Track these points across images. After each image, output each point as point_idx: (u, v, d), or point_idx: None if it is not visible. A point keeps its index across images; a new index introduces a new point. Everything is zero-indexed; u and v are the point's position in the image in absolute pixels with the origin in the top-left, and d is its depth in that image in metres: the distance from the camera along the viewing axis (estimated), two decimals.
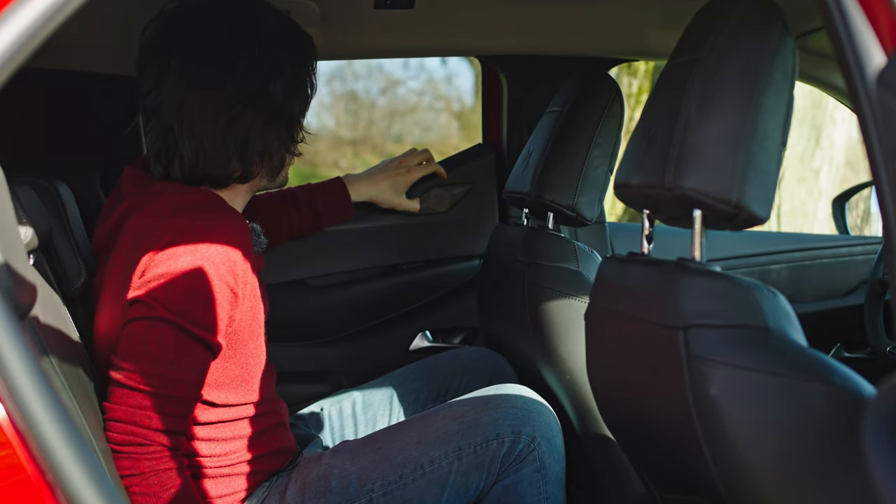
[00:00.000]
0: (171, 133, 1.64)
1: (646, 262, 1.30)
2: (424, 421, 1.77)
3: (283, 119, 1.67)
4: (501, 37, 2.42)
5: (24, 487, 0.99)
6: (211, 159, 1.64)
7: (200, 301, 1.53)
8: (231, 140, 1.63)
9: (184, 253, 1.52)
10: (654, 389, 1.24)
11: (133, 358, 1.50)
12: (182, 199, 1.62)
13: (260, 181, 1.74)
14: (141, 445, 1.49)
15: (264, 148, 1.67)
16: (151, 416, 1.49)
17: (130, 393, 1.49)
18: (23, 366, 0.97)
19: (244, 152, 1.65)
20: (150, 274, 1.53)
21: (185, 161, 1.64)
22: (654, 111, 1.29)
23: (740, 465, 1.10)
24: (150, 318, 1.51)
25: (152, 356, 1.50)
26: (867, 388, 1.07)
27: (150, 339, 1.51)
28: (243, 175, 1.67)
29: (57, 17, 1.02)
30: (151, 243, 1.55)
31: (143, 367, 1.50)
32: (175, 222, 1.56)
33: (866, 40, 0.97)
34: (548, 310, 1.88)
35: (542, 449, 1.73)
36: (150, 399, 1.49)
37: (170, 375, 1.51)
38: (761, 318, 1.14)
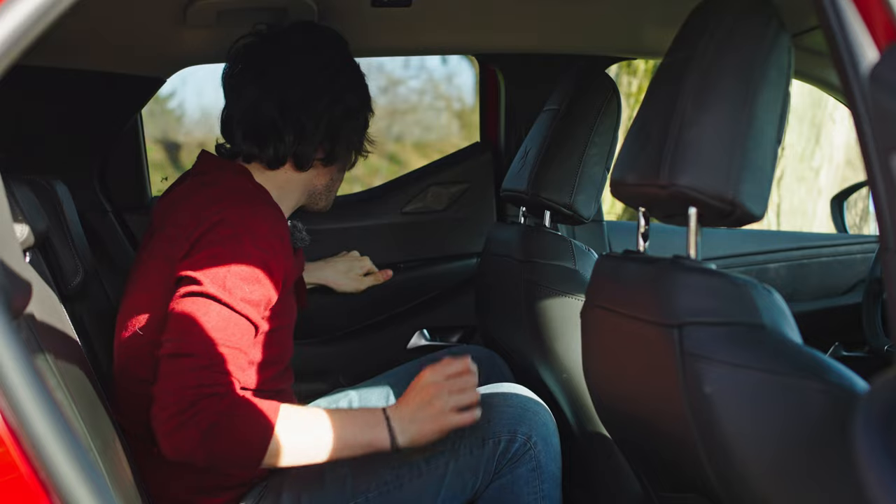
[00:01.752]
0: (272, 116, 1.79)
1: (641, 259, 1.30)
2: None
3: (360, 120, 1.88)
4: (499, 35, 2.42)
5: (16, 486, 0.99)
6: (307, 140, 1.80)
7: (245, 281, 1.61)
8: (324, 126, 1.81)
9: (231, 236, 1.62)
10: (649, 387, 1.24)
11: (183, 331, 1.58)
12: (234, 187, 1.75)
13: (325, 177, 1.89)
14: (203, 398, 1.52)
15: (347, 138, 1.85)
16: (205, 374, 1.55)
17: (183, 360, 1.56)
18: (16, 364, 0.97)
19: (333, 138, 1.83)
20: (200, 254, 1.62)
21: (286, 141, 1.79)
22: (649, 108, 1.29)
23: (735, 463, 1.10)
24: (199, 294, 1.59)
25: (203, 328, 1.58)
26: (862, 385, 1.07)
27: (200, 313, 1.58)
28: (327, 158, 1.84)
29: (51, 14, 1.01)
30: (200, 225, 1.64)
31: (194, 337, 1.57)
32: (223, 207, 1.66)
33: (860, 37, 0.97)
34: (545, 308, 1.88)
35: (539, 448, 1.74)
36: (204, 360, 1.56)
37: (221, 341, 1.58)
38: (756, 316, 1.13)
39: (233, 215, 1.65)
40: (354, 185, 9.46)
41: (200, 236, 1.63)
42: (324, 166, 1.87)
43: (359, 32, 2.28)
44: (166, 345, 1.58)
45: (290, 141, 1.79)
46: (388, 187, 2.70)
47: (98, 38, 2.11)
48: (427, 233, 2.62)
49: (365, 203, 2.64)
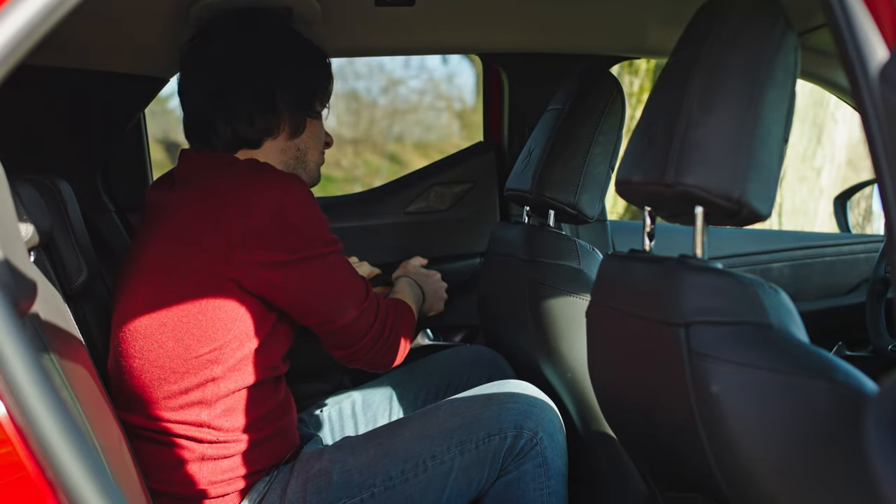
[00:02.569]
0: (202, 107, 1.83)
1: (647, 259, 1.29)
2: (426, 417, 1.77)
3: (293, 85, 1.85)
4: (502, 34, 2.42)
5: (23, 485, 0.99)
6: (239, 119, 1.80)
7: (322, 224, 1.74)
8: (254, 98, 1.80)
9: (273, 200, 1.67)
10: (655, 387, 1.24)
11: (345, 293, 1.75)
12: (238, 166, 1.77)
13: (288, 147, 1.87)
14: (394, 322, 1.84)
15: (283, 103, 1.83)
16: (381, 312, 1.81)
17: (367, 309, 1.78)
18: (23, 363, 0.96)
19: (268, 106, 1.82)
20: (280, 237, 1.66)
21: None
22: (655, 108, 1.28)
23: (742, 462, 1.10)
24: (316, 261, 1.71)
25: (337, 285, 1.74)
26: (869, 385, 1.07)
27: (336, 269, 1.75)
28: (267, 127, 1.82)
29: (55, 15, 1.01)
30: (248, 214, 1.66)
31: (354, 290, 1.76)
32: (255, 184, 1.70)
33: (869, 35, 0.97)
34: (549, 307, 1.88)
35: (545, 444, 1.75)
36: (372, 304, 1.79)
37: (353, 279, 1.78)
38: (763, 315, 1.13)
39: (275, 184, 1.69)
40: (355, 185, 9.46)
41: (262, 219, 1.66)
42: (273, 139, 1.85)
43: (362, 32, 2.28)
44: (345, 313, 1.75)
45: (223, 125, 1.80)
46: (391, 187, 2.70)
47: (101, 38, 2.11)
48: (430, 232, 2.62)
49: (368, 203, 2.64)
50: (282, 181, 1.71)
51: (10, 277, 1.04)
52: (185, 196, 1.76)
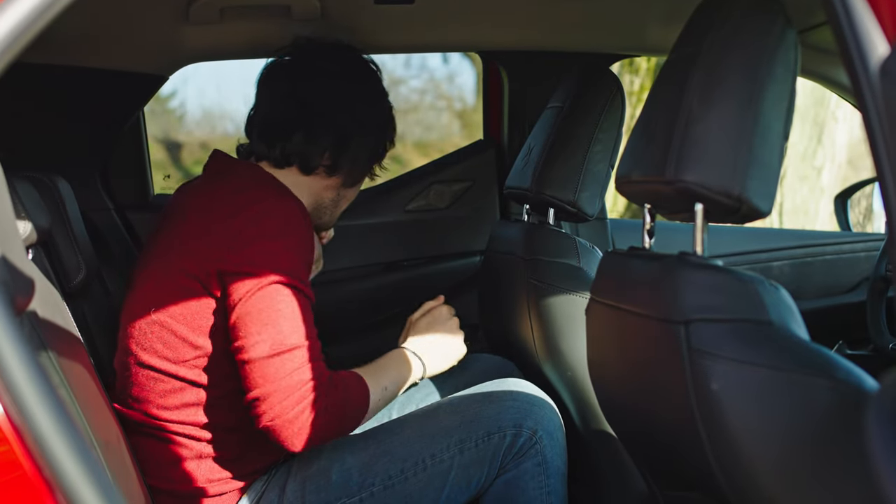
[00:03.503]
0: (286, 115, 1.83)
1: (647, 256, 1.29)
2: (426, 415, 1.77)
3: (372, 140, 1.88)
4: (502, 32, 2.41)
5: (21, 484, 0.98)
6: (314, 145, 1.82)
7: (303, 263, 1.66)
8: (334, 134, 1.82)
9: (280, 226, 1.65)
10: (655, 384, 1.23)
11: (273, 327, 1.58)
12: (258, 178, 1.78)
13: (331, 188, 1.88)
14: (318, 388, 1.58)
15: (354, 152, 1.85)
16: (313, 365, 1.58)
17: (285, 358, 1.57)
18: (20, 361, 0.96)
19: (340, 146, 1.83)
20: (251, 248, 1.62)
21: (294, 140, 1.81)
22: (655, 105, 1.28)
23: (742, 460, 1.09)
24: (271, 285, 1.60)
25: (291, 319, 1.59)
26: (870, 382, 1.06)
27: (282, 304, 1.59)
28: (332, 166, 1.84)
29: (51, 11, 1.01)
30: (238, 216, 1.65)
31: (287, 330, 1.58)
32: (261, 197, 1.69)
33: (869, 30, 0.96)
34: (549, 306, 1.87)
35: (544, 443, 1.74)
36: (307, 353, 1.59)
37: (308, 327, 1.61)
38: (763, 313, 1.13)
39: (275, 206, 1.67)
40: None
41: (242, 229, 1.64)
42: (327, 175, 1.86)
43: (362, 30, 2.27)
44: (258, 345, 1.57)
45: (298, 140, 1.80)
46: (391, 185, 2.69)
47: (100, 36, 2.11)
48: (430, 231, 2.61)
49: (368, 201, 2.64)
50: (283, 199, 1.71)
51: (7, 275, 1.04)
52: (193, 196, 1.79)
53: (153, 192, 2.61)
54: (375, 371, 1.74)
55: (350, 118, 1.84)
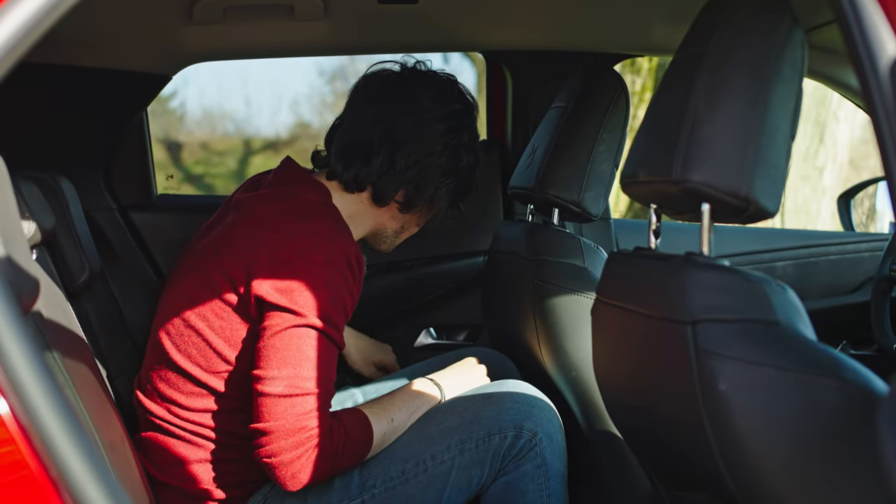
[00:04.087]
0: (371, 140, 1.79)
1: (653, 256, 1.29)
2: (425, 416, 1.77)
3: (453, 181, 1.85)
4: (506, 32, 2.41)
5: (27, 483, 0.98)
6: (392, 177, 1.79)
7: (340, 309, 1.64)
8: (416, 170, 1.80)
9: (323, 263, 1.62)
10: (661, 385, 1.23)
11: (293, 368, 1.59)
12: (314, 201, 1.74)
13: (398, 222, 1.88)
14: (319, 443, 1.58)
15: (432, 192, 1.83)
16: (321, 413, 1.59)
17: (297, 401, 1.58)
18: (26, 361, 0.96)
19: (419, 185, 1.81)
20: (293, 280, 1.60)
21: (371, 167, 1.78)
22: (661, 105, 1.28)
23: (749, 460, 1.09)
24: (302, 326, 1.59)
25: (312, 364, 1.59)
26: (878, 383, 1.06)
27: (307, 347, 1.59)
28: (406, 203, 1.83)
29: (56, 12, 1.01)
30: (286, 243, 1.63)
31: (305, 374, 1.59)
32: (310, 228, 1.66)
33: (879, 29, 0.96)
34: (553, 306, 1.87)
35: (544, 444, 1.73)
36: (319, 401, 1.59)
37: (327, 377, 1.61)
38: (770, 313, 1.13)
39: (323, 240, 1.64)
40: None
41: (290, 260, 1.62)
42: (399, 211, 1.85)
43: (365, 30, 2.28)
44: (274, 381, 1.58)
45: (376, 169, 1.78)
46: None
47: (104, 35, 2.11)
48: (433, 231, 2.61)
49: None
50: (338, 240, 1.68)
51: (12, 275, 1.04)
52: (256, 202, 1.77)
53: (156, 193, 2.61)
54: (382, 407, 1.73)
55: (436, 159, 1.81)
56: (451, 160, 1.82)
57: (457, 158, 1.83)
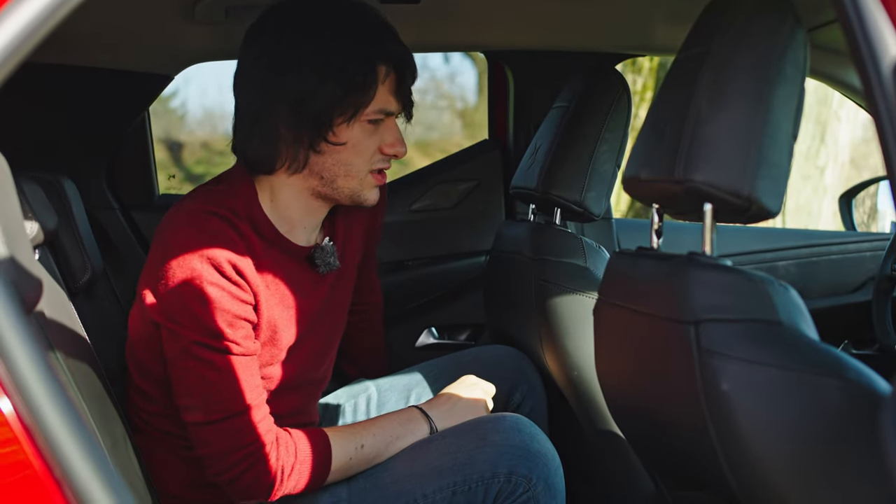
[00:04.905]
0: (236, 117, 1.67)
1: (656, 256, 1.29)
2: (417, 453, 1.71)
3: (307, 113, 1.59)
4: (508, 32, 2.41)
5: (31, 483, 0.98)
6: (247, 143, 1.64)
7: (224, 319, 1.55)
8: (259, 124, 1.61)
9: (186, 275, 1.53)
10: (664, 385, 1.23)
11: (203, 394, 1.56)
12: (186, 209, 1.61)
13: (296, 177, 1.65)
14: (259, 458, 1.55)
15: (285, 137, 1.61)
16: (245, 433, 1.55)
17: (218, 426, 1.55)
18: (29, 360, 0.96)
19: (268, 137, 1.61)
20: (165, 299, 1.55)
21: (235, 145, 1.67)
22: (663, 105, 1.28)
23: (752, 460, 1.09)
24: (188, 346, 1.54)
25: (221, 385, 1.55)
26: (881, 383, 1.06)
27: (208, 368, 1.55)
28: (265, 161, 1.63)
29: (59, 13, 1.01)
30: (154, 261, 1.57)
31: (217, 397, 1.55)
32: (175, 240, 1.56)
33: (882, 30, 0.95)
34: (555, 305, 1.87)
35: (539, 490, 1.66)
36: (241, 419, 1.55)
37: (245, 390, 1.56)
38: (773, 313, 1.13)
39: (185, 254, 1.54)
40: None
41: (162, 275, 1.55)
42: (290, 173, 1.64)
43: None
44: (192, 411, 1.56)
45: (240, 143, 1.66)
46: (396, 185, 2.69)
47: (106, 36, 2.11)
48: (436, 231, 2.61)
49: None
50: (197, 246, 1.54)
51: (15, 275, 1.04)
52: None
53: (158, 192, 2.61)
54: (353, 431, 1.68)
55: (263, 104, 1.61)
56: (286, 100, 1.59)
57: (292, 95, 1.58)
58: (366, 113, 1.61)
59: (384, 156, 1.68)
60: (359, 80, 1.58)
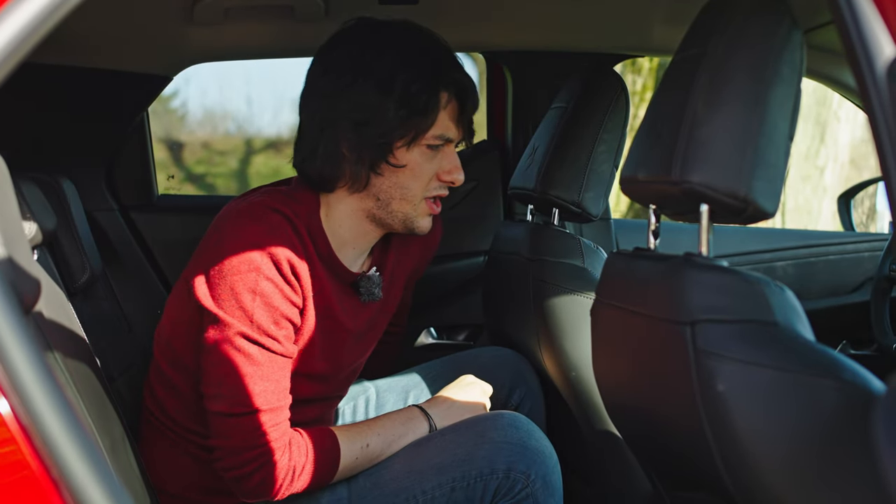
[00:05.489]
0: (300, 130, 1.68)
1: (652, 257, 1.29)
2: (416, 450, 1.72)
3: (369, 133, 1.61)
4: (506, 33, 2.41)
5: (28, 483, 0.99)
6: (307, 160, 1.65)
7: (272, 316, 1.56)
8: (322, 142, 1.63)
9: (244, 265, 1.55)
10: (660, 385, 1.23)
11: (231, 385, 1.56)
12: (254, 203, 1.62)
13: (354, 196, 1.66)
14: (270, 461, 1.56)
15: (347, 157, 1.62)
16: (264, 433, 1.56)
17: (242, 419, 1.56)
18: (27, 361, 0.96)
19: (331, 156, 1.62)
20: (217, 286, 1.55)
21: (295, 160, 1.68)
22: (660, 105, 1.28)
23: (748, 461, 1.09)
24: (232, 336, 1.55)
25: (251, 379, 1.56)
26: (876, 384, 1.06)
27: (242, 361, 1.56)
28: (328, 179, 1.64)
29: (58, 13, 1.01)
30: (213, 247, 1.58)
31: (245, 390, 1.55)
32: (239, 229, 1.58)
33: (876, 32, 0.96)
34: (553, 306, 1.87)
35: (537, 486, 1.67)
36: (264, 416, 1.56)
37: (271, 389, 1.57)
38: (769, 314, 1.13)
39: (248, 245, 1.55)
40: None
41: (220, 262, 1.55)
42: (349, 192, 1.66)
43: None
44: (217, 400, 1.57)
45: (300, 159, 1.67)
46: None
47: (105, 36, 2.11)
48: None
49: None
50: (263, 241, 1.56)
51: (13, 275, 1.04)
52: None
53: (157, 193, 2.62)
54: (359, 431, 1.69)
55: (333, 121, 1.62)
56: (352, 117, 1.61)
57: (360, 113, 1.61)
58: (426, 137, 1.63)
59: (441, 182, 1.70)
60: (421, 103, 1.60)
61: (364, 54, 1.61)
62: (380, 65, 1.60)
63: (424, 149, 1.64)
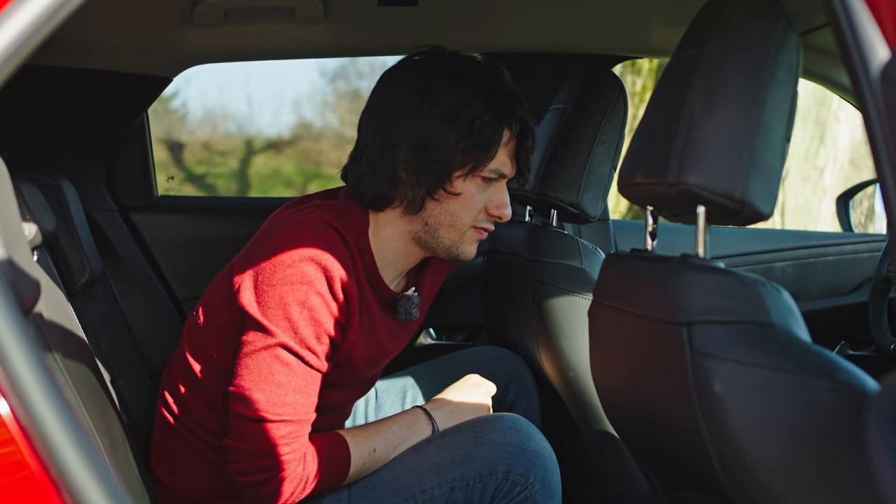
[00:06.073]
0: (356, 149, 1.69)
1: (649, 258, 1.30)
2: (416, 451, 1.72)
3: (428, 158, 1.61)
4: (505, 34, 2.42)
5: (27, 484, 0.99)
6: (364, 178, 1.65)
7: (315, 330, 1.56)
8: (382, 161, 1.63)
9: (296, 277, 1.55)
10: (657, 386, 1.24)
11: (264, 391, 1.56)
12: (312, 217, 1.62)
13: (404, 219, 1.67)
14: (284, 472, 1.56)
15: (404, 179, 1.63)
16: (286, 443, 1.56)
17: (268, 426, 1.56)
18: (27, 361, 0.97)
19: (388, 177, 1.63)
20: (264, 294, 1.55)
21: (350, 176, 1.68)
22: (657, 107, 1.29)
23: (744, 461, 1.10)
24: (272, 346, 1.55)
25: (284, 388, 1.56)
26: (872, 384, 1.07)
27: (275, 369, 1.56)
28: (382, 199, 1.65)
29: (58, 15, 1.02)
30: (265, 255, 1.58)
31: (276, 399, 1.56)
32: (293, 240, 1.57)
33: (870, 35, 0.97)
34: (551, 307, 1.88)
35: (536, 488, 1.67)
36: (289, 427, 1.57)
37: (303, 402, 1.57)
38: (765, 315, 1.13)
39: (303, 258, 1.55)
40: None
41: (270, 271, 1.56)
42: (402, 214, 1.66)
43: (365, 31, 2.28)
44: (247, 403, 1.56)
45: (356, 176, 1.67)
46: None
47: (105, 38, 2.12)
48: None
49: None
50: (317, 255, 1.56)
51: (13, 276, 1.05)
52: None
53: (157, 194, 2.62)
54: (367, 435, 1.70)
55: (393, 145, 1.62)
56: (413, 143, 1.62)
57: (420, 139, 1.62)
58: (484, 170, 1.64)
59: (488, 216, 1.69)
60: (484, 137, 1.61)
61: (434, 81, 1.62)
62: (449, 94, 1.61)
63: (480, 180, 1.65)
